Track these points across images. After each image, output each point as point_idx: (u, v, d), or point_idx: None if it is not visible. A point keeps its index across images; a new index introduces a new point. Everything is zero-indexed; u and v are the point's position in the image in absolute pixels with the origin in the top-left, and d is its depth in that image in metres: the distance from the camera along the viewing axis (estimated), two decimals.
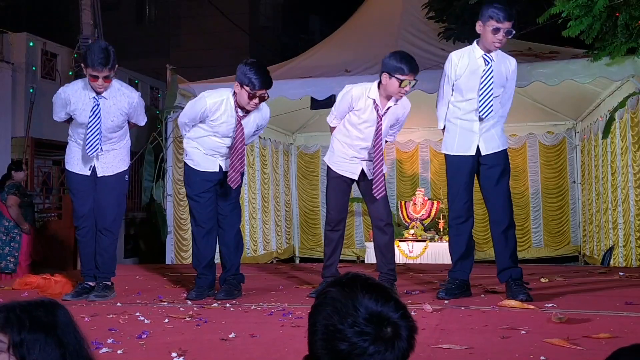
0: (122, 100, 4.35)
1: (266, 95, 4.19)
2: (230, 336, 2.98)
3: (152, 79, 13.51)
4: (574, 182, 11.29)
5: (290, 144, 12.31)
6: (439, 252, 9.46)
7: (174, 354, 2.62)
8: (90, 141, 4.27)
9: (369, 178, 4.32)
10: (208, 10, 16.09)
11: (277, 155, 11.67)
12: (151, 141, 8.90)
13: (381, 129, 4.22)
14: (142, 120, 4.59)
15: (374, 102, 4.18)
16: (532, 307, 3.60)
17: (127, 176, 4.59)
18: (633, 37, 6.40)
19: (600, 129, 8.44)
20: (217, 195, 4.42)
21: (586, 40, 6.54)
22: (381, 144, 4.29)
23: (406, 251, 9.66)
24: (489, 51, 4.00)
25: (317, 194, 12.01)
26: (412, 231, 10.10)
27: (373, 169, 4.29)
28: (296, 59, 9.70)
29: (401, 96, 4.18)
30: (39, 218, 10.80)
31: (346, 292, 1.31)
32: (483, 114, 3.97)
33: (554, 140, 11.46)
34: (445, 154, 4.23)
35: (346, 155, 4.36)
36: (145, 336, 3.05)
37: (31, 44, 10.47)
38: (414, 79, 4.07)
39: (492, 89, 3.96)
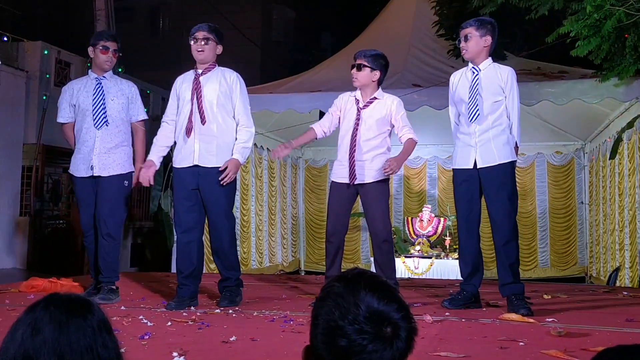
0: (121, 83, 4.63)
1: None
2: (231, 339, 3.01)
3: (164, 90, 13.64)
4: (582, 202, 11.26)
5: (298, 157, 12.37)
6: (444, 269, 9.45)
7: (174, 354, 2.66)
8: (97, 114, 4.50)
9: (362, 182, 4.33)
10: (221, 23, 16.26)
11: (285, 168, 11.73)
12: None
13: (359, 120, 4.35)
14: (141, 114, 4.69)
15: (355, 98, 4.45)
16: (532, 320, 3.61)
17: (126, 182, 4.58)
18: None
19: (609, 150, 8.44)
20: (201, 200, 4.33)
21: (595, 61, 6.57)
22: (362, 138, 4.34)
23: (412, 267, 9.64)
24: (476, 63, 4.17)
25: (324, 208, 12.01)
26: (418, 247, 10.08)
27: (366, 166, 4.33)
28: (306, 73, 9.78)
29: (354, 81, 4.42)
30: (47, 225, 10.91)
31: (349, 288, 1.31)
32: (470, 118, 4.10)
33: (563, 161, 11.45)
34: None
35: (340, 161, 4.45)
36: (147, 337, 3.09)
37: (46, 52, 10.63)
38: (356, 64, 4.42)
39: (477, 92, 4.09)
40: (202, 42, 4.38)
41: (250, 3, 21.08)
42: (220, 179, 4.20)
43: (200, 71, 4.40)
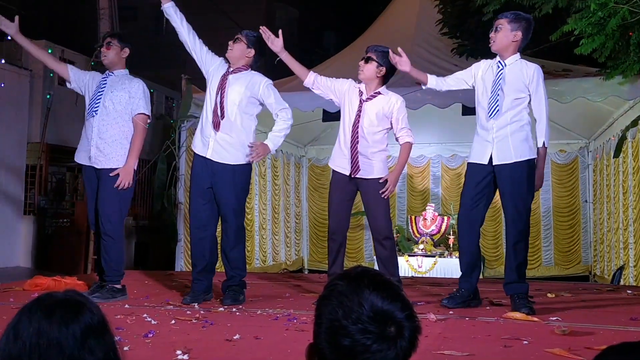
0: (126, 79, 4.66)
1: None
2: (235, 337, 3.02)
3: (167, 89, 13.66)
4: (586, 201, 11.24)
5: (301, 156, 12.38)
6: (448, 267, 9.45)
7: (178, 352, 2.66)
8: (91, 103, 4.58)
9: (364, 177, 4.33)
10: (224, 22, 16.27)
11: (288, 167, 11.73)
12: (164, 149, 9.00)
13: (361, 112, 4.33)
14: (140, 108, 4.56)
15: (359, 90, 4.43)
16: (536, 319, 3.60)
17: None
18: None
19: (613, 149, 8.43)
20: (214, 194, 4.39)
21: (599, 59, 6.55)
22: (364, 131, 4.32)
23: (415, 266, 9.65)
24: (503, 57, 4.09)
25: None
26: (421, 246, 10.09)
27: (366, 160, 4.32)
28: None
29: (359, 73, 4.43)
30: (50, 223, 10.93)
31: (352, 286, 1.29)
32: (490, 113, 4.04)
33: (567, 159, 11.43)
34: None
35: (341, 149, 4.44)
36: (151, 335, 3.10)
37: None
38: (365, 56, 4.42)
39: (500, 88, 4.03)
40: (232, 41, 4.49)
41: (253, 2, 21.08)
42: (246, 155, 4.32)
43: (231, 69, 4.47)
